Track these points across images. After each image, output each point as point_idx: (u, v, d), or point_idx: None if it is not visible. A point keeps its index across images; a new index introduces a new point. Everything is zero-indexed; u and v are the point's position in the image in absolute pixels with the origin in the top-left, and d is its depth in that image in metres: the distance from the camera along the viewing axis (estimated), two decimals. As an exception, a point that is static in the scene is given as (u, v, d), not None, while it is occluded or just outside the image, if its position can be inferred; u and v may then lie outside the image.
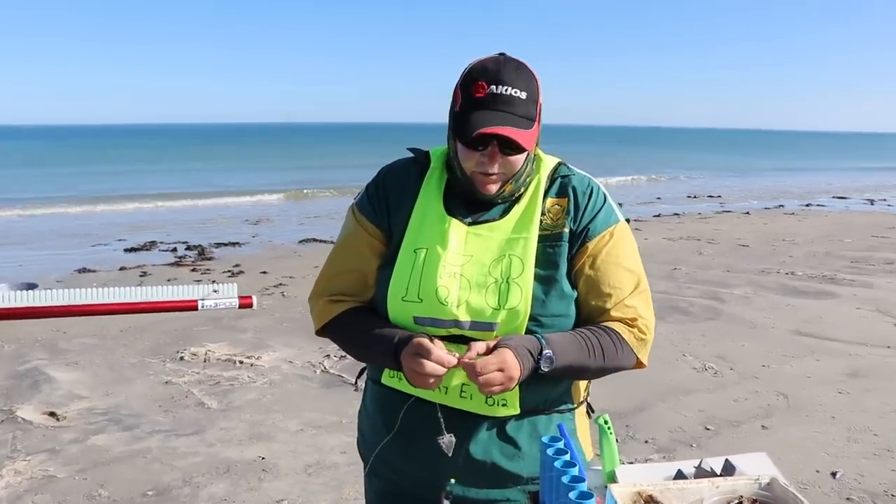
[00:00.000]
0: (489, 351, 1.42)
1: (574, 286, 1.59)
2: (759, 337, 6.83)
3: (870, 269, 10.11)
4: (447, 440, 1.51)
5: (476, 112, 1.49)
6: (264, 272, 9.75)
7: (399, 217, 1.65)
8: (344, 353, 6.06)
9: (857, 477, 4.10)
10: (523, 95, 1.50)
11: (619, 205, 1.69)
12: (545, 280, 1.55)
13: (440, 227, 1.59)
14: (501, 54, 1.56)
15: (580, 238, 1.59)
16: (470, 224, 1.60)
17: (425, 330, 1.55)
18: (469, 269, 1.55)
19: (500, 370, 1.38)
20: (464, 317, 1.52)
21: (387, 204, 1.67)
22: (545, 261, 1.56)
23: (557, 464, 1.22)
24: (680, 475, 1.30)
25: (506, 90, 1.49)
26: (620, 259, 1.60)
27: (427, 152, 1.71)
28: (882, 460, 4.31)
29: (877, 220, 16.12)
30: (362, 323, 1.64)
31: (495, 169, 1.53)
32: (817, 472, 4.14)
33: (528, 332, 1.51)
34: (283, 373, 5.77)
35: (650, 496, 1.15)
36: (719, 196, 22.12)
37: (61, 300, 1.08)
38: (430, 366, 1.40)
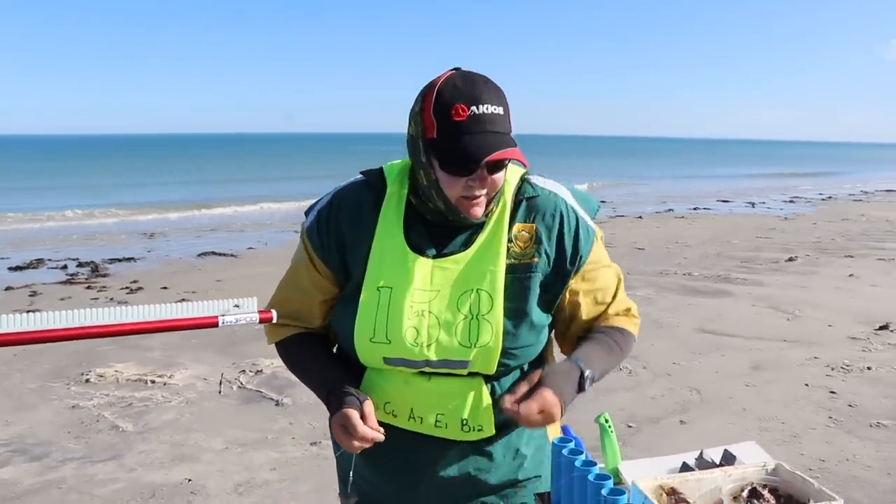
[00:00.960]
0: (532, 388, 1.41)
1: (561, 309, 1.61)
2: (666, 336, 7.10)
3: (758, 268, 10.68)
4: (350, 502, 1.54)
5: (463, 137, 1.39)
6: (164, 288, 9.40)
7: (356, 253, 1.57)
8: (260, 368, 6.01)
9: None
10: (501, 111, 1.43)
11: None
12: (515, 313, 1.51)
13: (403, 264, 1.52)
14: (457, 69, 1.47)
15: (574, 266, 1.56)
16: (434, 257, 1.53)
17: (395, 370, 1.53)
18: (436, 305, 1.50)
19: (542, 412, 1.38)
20: (434, 357, 1.49)
21: (339, 240, 1.58)
22: (514, 293, 1.51)
23: (578, 462, 1.24)
24: (686, 467, 1.35)
25: (487, 109, 1.40)
26: (602, 260, 1.62)
27: (380, 173, 1.61)
28: (791, 446, 4.56)
29: (759, 222, 17.05)
30: (304, 355, 1.66)
31: (484, 191, 1.46)
32: (736, 462, 4.34)
33: (500, 365, 1.50)
34: (199, 390, 5.58)
35: (672, 488, 1.19)
36: (611, 201, 22.87)
37: (66, 322, 1.02)
38: (356, 444, 1.43)
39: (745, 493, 1.19)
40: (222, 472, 4.22)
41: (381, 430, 1.45)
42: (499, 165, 1.44)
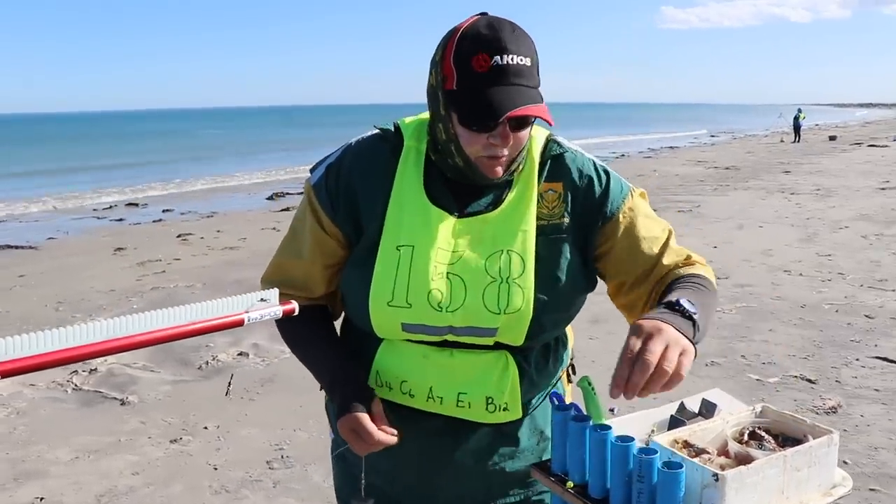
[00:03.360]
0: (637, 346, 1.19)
1: (602, 268, 1.51)
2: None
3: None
4: None
5: (486, 90, 1.29)
6: (-49, 289, 8.45)
7: (371, 210, 1.45)
8: (94, 366, 5.58)
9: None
10: (528, 62, 1.32)
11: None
12: (547, 278, 1.42)
13: (425, 220, 1.41)
14: (484, 14, 1.37)
15: (597, 221, 1.46)
16: (459, 216, 1.43)
17: (412, 345, 1.43)
18: (461, 267, 1.39)
19: (667, 346, 1.17)
20: (459, 323, 1.39)
21: (351, 195, 1.46)
22: (546, 256, 1.42)
23: (590, 427, 1.26)
24: (675, 420, 1.41)
25: (512, 59, 1.30)
26: (642, 211, 1.50)
27: (396, 127, 1.50)
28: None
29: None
30: (303, 334, 1.54)
31: (506, 151, 1.36)
32: (598, 410, 4.61)
33: (530, 334, 1.40)
34: (28, 398, 5.08)
35: (685, 441, 1.24)
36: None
37: (67, 341, 0.88)
38: (369, 448, 1.37)
39: (745, 437, 1.27)
40: (78, 484, 3.88)
41: (395, 431, 1.38)
42: (523, 122, 1.35)
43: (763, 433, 1.28)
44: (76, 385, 5.30)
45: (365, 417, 1.36)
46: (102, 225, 13.99)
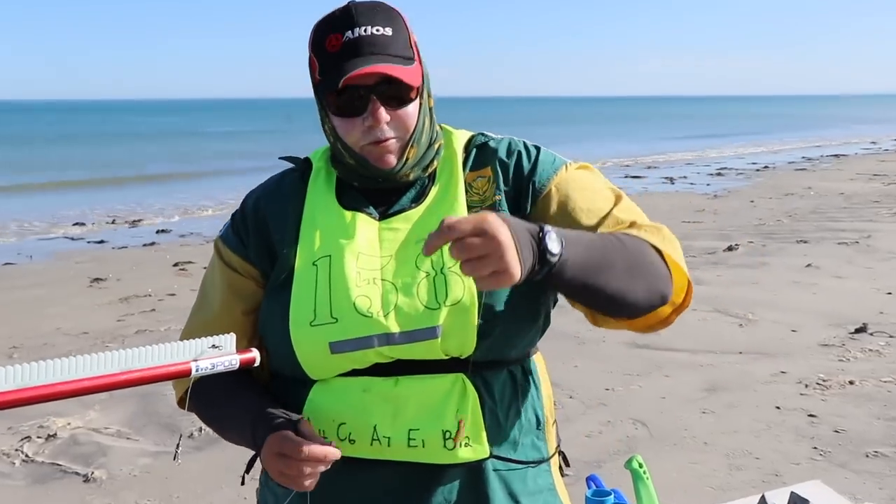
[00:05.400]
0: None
1: None
2: (591, 354, 7.33)
3: (692, 262, 11.13)
4: None
5: (342, 66, 1.54)
6: None
7: (283, 233, 1.69)
8: (53, 432, 5.77)
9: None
10: (388, 31, 1.58)
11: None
12: None
13: (341, 226, 1.63)
14: (350, 2, 1.61)
15: (528, 197, 1.67)
16: (380, 219, 1.65)
17: (348, 358, 1.54)
18: (390, 271, 1.58)
19: (481, 233, 1.25)
20: (395, 328, 1.53)
21: (261, 226, 1.73)
22: None
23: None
24: (751, 519, 1.44)
25: (365, 31, 1.56)
26: (579, 182, 1.69)
27: (305, 158, 1.78)
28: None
29: (682, 202, 17.92)
30: (216, 394, 1.68)
31: (387, 131, 1.58)
32: (708, 510, 4.56)
33: (480, 333, 1.53)
34: (-34, 472, 5.30)
35: (755, 546, 1.27)
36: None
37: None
38: (306, 471, 1.42)
39: (839, 546, 1.28)
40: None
41: (333, 443, 1.45)
42: (399, 97, 1.58)
43: (863, 541, 1.30)
44: (27, 456, 5.48)
45: (289, 433, 1.45)
46: (77, 248, 14.41)
